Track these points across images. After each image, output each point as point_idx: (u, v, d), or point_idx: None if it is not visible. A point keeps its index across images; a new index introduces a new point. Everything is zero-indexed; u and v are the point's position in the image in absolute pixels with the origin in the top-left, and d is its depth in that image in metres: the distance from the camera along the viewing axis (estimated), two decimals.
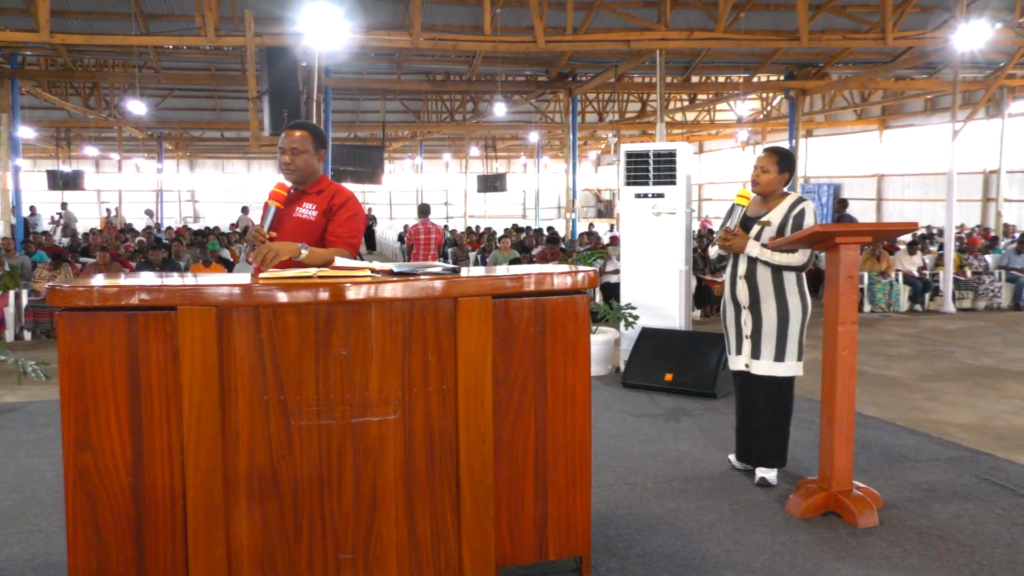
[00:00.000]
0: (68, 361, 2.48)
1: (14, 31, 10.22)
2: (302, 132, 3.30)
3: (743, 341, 3.97)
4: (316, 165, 3.33)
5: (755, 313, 3.91)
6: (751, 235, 3.91)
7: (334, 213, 3.26)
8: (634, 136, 26.92)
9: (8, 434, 5.09)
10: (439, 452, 2.73)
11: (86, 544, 2.51)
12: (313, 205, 3.27)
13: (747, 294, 3.91)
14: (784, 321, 3.86)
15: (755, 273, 3.89)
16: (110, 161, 30.49)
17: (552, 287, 2.82)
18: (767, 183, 3.94)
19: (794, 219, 3.84)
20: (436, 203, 34.50)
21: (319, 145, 3.34)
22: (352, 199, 3.33)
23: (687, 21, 12.03)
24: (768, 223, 3.89)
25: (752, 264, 3.89)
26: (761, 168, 3.95)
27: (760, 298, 3.88)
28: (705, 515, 3.65)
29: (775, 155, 3.96)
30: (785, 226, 3.84)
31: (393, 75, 16.50)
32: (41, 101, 17.04)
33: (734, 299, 4.00)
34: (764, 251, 3.83)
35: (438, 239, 10.55)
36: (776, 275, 3.86)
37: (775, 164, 3.92)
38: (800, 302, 3.88)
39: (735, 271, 3.98)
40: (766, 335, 3.88)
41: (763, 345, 3.89)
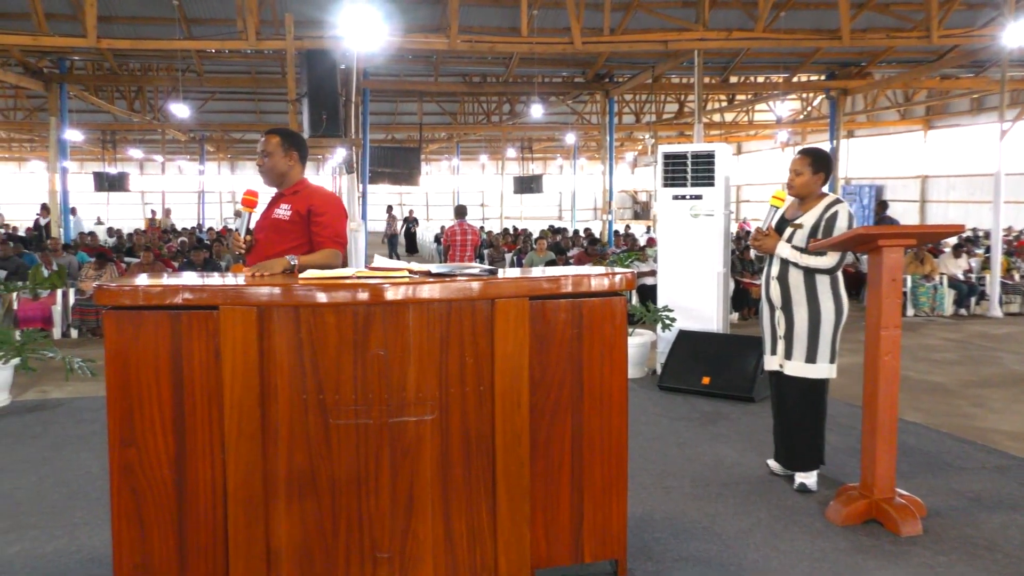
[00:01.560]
0: (114, 359, 2.53)
1: (63, 36, 10.47)
2: (273, 136, 3.45)
3: (777, 341, 3.98)
4: (287, 167, 3.46)
5: (788, 314, 3.90)
6: (783, 237, 3.90)
7: (316, 215, 3.35)
8: (671, 137, 26.73)
9: (55, 429, 5.21)
10: (475, 453, 2.74)
11: (130, 538, 2.56)
12: (288, 206, 3.39)
13: (779, 295, 3.91)
14: (816, 323, 3.83)
15: (787, 274, 3.88)
16: (154, 163, 31.10)
17: (589, 289, 2.82)
18: (802, 185, 3.92)
19: (826, 221, 3.82)
20: (472, 204, 34.62)
21: (290, 147, 3.45)
22: (331, 199, 3.45)
23: (726, 21, 11.91)
24: (800, 225, 3.88)
25: (784, 265, 3.89)
26: (795, 171, 3.94)
27: (792, 299, 3.87)
28: (743, 520, 3.61)
29: (809, 157, 3.94)
30: (817, 228, 3.82)
31: (430, 77, 16.58)
32: (88, 105, 17.44)
33: (768, 299, 4.01)
34: (793, 252, 3.82)
35: (474, 240, 10.58)
36: (808, 277, 3.84)
37: (809, 166, 3.90)
38: (834, 305, 3.85)
39: (769, 271, 3.99)
40: (798, 336, 3.87)
41: (795, 346, 3.88)
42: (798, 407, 3.96)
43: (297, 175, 3.49)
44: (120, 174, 21.58)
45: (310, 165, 30.89)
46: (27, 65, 13.74)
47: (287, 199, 3.42)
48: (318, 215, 3.36)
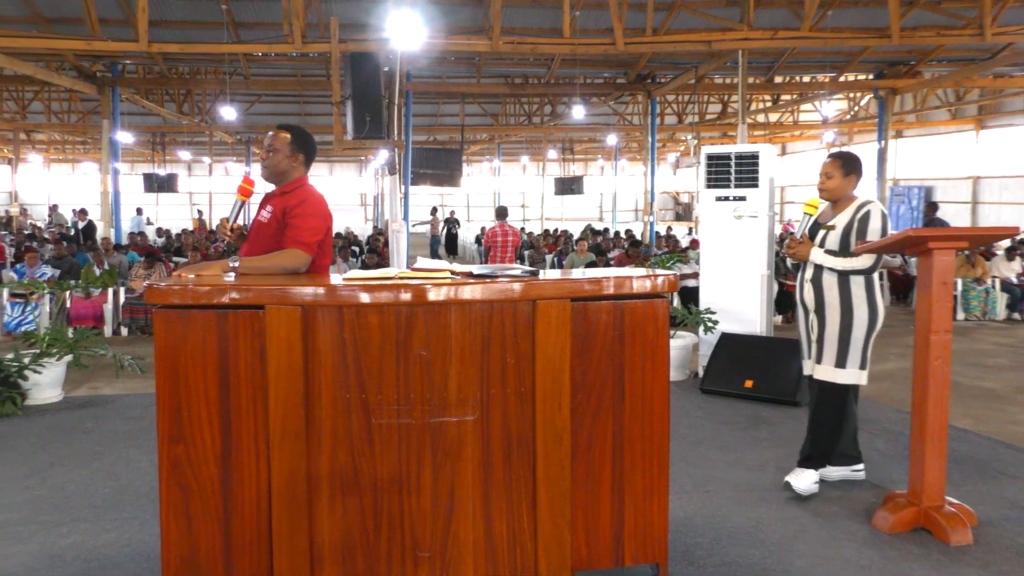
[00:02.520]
0: (163, 356, 2.58)
1: (115, 41, 10.73)
2: (283, 133, 3.37)
3: (811, 345, 3.95)
4: (289, 166, 3.35)
5: (820, 317, 3.86)
6: (816, 241, 3.86)
7: (290, 215, 3.19)
8: (714, 138, 26.48)
9: (106, 425, 5.34)
10: (516, 454, 2.74)
11: (178, 533, 2.62)
12: (271, 208, 3.29)
13: (813, 298, 3.88)
14: (847, 327, 3.78)
15: (821, 277, 3.85)
16: (201, 164, 31.71)
17: (631, 291, 2.80)
18: (833, 189, 3.88)
19: (859, 222, 3.77)
20: (513, 205, 34.68)
21: (297, 148, 3.35)
22: (308, 200, 3.24)
23: (771, 20, 11.76)
24: (833, 227, 3.84)
25: (818, 268, 3.85)
26: (826, 174, 3.89)
27: (825, 303, 3.83)
28: (787, 526, 3.56)
29: (839, 160, 3.89)
30: (850, 230, 3.77)
31: (472, 78, 16.66)
32: (139, 108, 17.86)
33: (803, 303, 3.98)
34: (827, 258, 3.79)
35: (515, 241, 10.60)
36: (842, 281, 3.79)
37: (839, 169, 3.85)
38: (867, 310, 3.79)
39: (803, 274, 3.96)
40: (829, 340, 3.83)
41: (826, 349, 3.84)
42: (822, 408, 3.91)
43: (295, 176, 3.37)
44: (169, 175, 22.04)
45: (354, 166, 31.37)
46: (81, 69, 14.11)
47: (274, 199, 3.31)
48: (290, 216, 3.20)
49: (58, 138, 28.86)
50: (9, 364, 5.71)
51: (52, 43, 11.00)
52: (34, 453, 4.72)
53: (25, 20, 11.89)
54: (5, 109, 20.80)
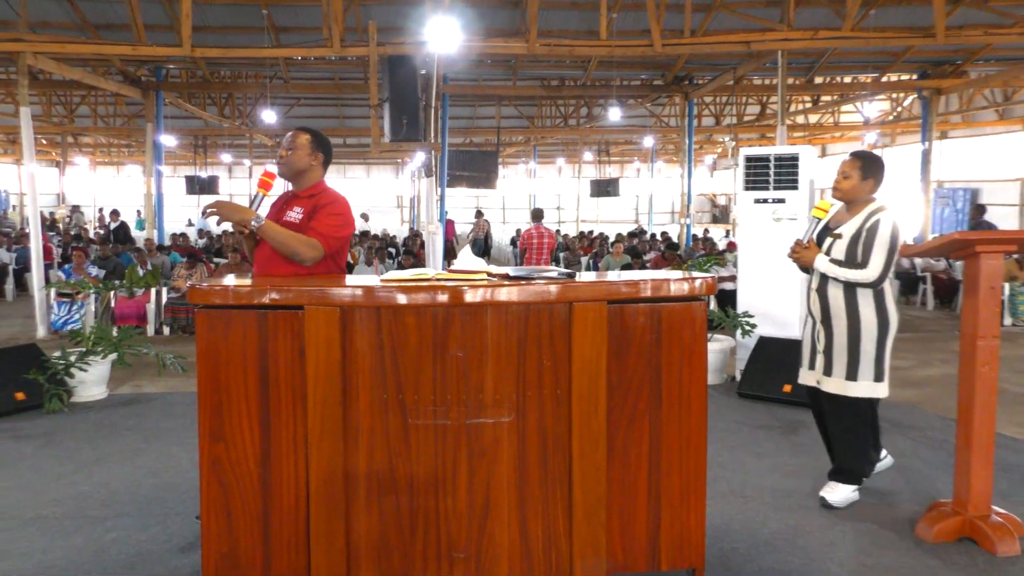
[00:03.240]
0: (205, 355, 2.63)
1: (160, 46, 10.94)
2: (304, 134, 3.37)
3: (816, 355, 3.80)
4: (309, 166, 3.34)
5: (827, 327, 3.73)
6: (824, 248, 3.72)
7: (317, 211, 3.25)
8: (752, 140, 26.18)
9: (148, 422, 5.44)
10: (552, 456, 2.74)
11: (218, 529, 2.66)
12: (301, 209, 3.29)
13: (819, 307, 3.75)
14: (855, 338, 3.63)
15: (826, 286, 3.71)
16: (242, 166, 32.19)
17: (669, 293, 2.78)
18: (848, 189, 3.70)
19: (867, 232, 3.60)
20: (548, 208, 34.63)
21: (316, 149, 3.35)
22: (337, 201, 3.31)
23: (812, 20, 11.59)
24: (839, 235, 3.68)
25: (824, 277, 3.71)
26: (843, 174, 3.72)
27: (831, 312, 3.69)
28: (827, 533, 3.50)
29: (859, 160, 3.71)
30: (857, 239, 3.61)
31: (508, 81, 16.67)
32: (181, 111, 18.16)
33: (809, 311, 3.85)
34: (831, 267, 3.64)
35: (551, 244, 10.59)
36: (848, 289, 3.65)
37: (858, 169, 3.68)
38: (877, 317, 3.63)
39: (810, 283, 3.84)
40: (837, 351, 3.68)
41: (835, 361, 3.70)
42: (837, 425, 3.79)
43: (316, 177, 3.39)
44: (210, 177, 22.38)
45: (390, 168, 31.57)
46: (126, 74, 14.41)
47: (301, 202, 3.32)
48: (320, 211, 3.25)
49: (104, 141, 29.48)
50: (56, 362, 5.85)
51: (99, 49, 11.24)
52: (79, 449, 4.83)
53: (73, 27, 12.18)
54: (54, 113, 21.32)
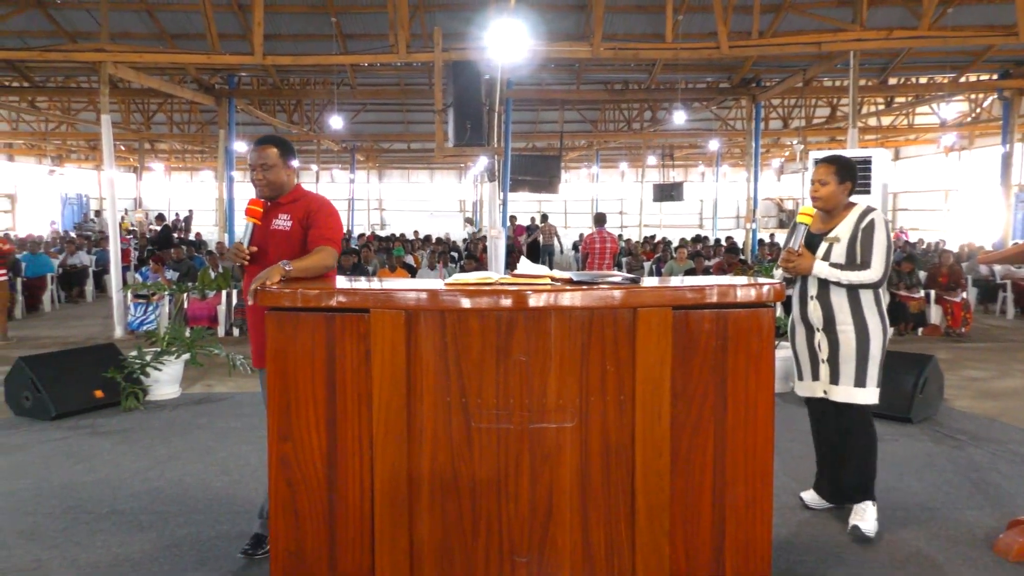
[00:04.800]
0: (274, 357, 2.69)
1: (233, 55, 11.27)
2: (270, 147, 3.29)
3: (819, 365, 3.66)
4: (286, 177, 3.31)
5: (830, 335, 3.59)
6: (818, 254, 3.58)
7: (312, 216, 3.23)
8: (822, 143, 25.56)
9: (218, 421, 5.60)
10: (615, 462, 2.72)
11: (286, 527, 2.72)
12: (288, 216, 3.26)
13: (820, 315, 3.60)
14: (864, 343, 3.53)
15: (828, 293, 3.58)
16: (309, 171, 32.89)
17: (735, 299, 2.74)
18: (828, 196, 3.60)
19: (863, 232, 3.51)
20: (611, 212, 34.43)
21: (287, 157, 3.31)
22: (327, 202, 3.32)
23: (886, 19, 11.28)
24: (837, 239, 3.56)
25: (824, 284, 3.58)
26: (819, 181, 3.62)
27: (836, 319, 3.56)
28: (899, 549, 3.39)
29: (833, 165, 3.62)
30: (855, 240, 3.52)
31: (572, 85, 16.66)
32: (252, 118, 18.67)
33: (805, 320, 3.68)
34: (832, 271, 3.51)
35: (613, 248, 10.53)
36: (852, 293, 3.54)
37: (834, 175, 3.59)
38: (880, 322, 3.56)
39: (805, 291, 3.67)
40: (844, 359, 3.56)
41: (842, 370, 3.58)
42: (853, 436, 3.64)
43: (292, 183, 3.36)
44: None
45: (453, 173, 31.78)
46: (201, 82, 14.89)
47: (285, 208, 3.29)
48: (315, 216, 3.24)
49: (178, 147, 30.51)
50: (133, 361, 6.07)
51: (176, 58, 11.65)
52: (154, 446, 4.99)
53: (152, 36, 12.65)
54: (132, 121, 22.15)
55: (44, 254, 12.72)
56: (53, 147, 29.29)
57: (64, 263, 13.61)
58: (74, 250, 14.24)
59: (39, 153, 30.27)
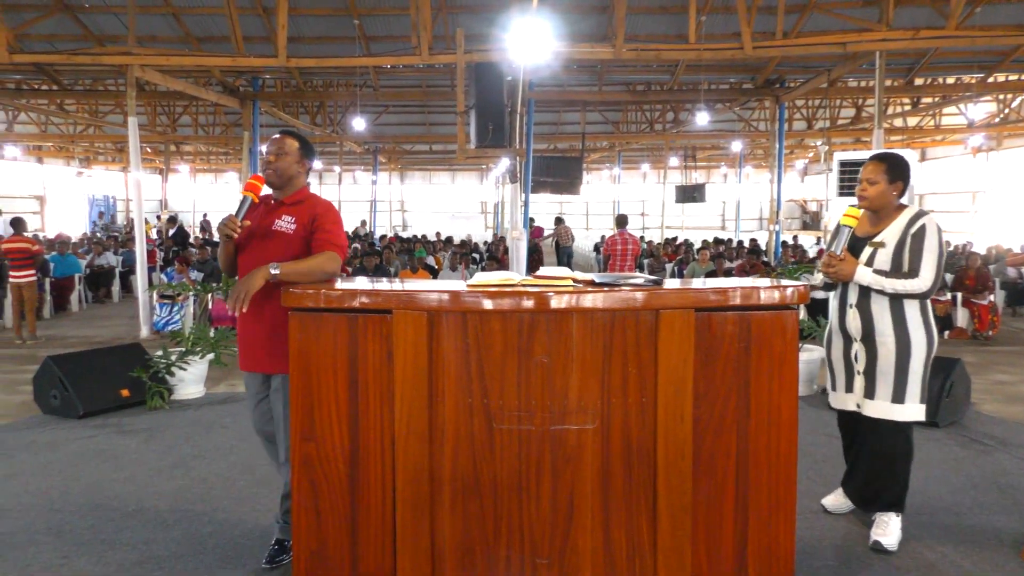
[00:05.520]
0: (298, 357, 2.71)
1: (257, 57, 11.37)
2: (291, 138, 3.25)
3: (854, 377, 3.48)
4: (297, 173, 3.25)
5: (869, 346, 3.38)
6: (862, 259, 3.37)
7: (317, 220, 3.15)
8: (846, 144, 25.32)
9: (242, 421, 5.64)
10: (637, 464, 2.71)
11: (308, 526, 2.74)
12: (292, 217, 3.17)
13: (859, 325, 3.39)
14: (905, 356, 3.32)
15: (869, 301, 3.37)
16: (332, 173, 33.09)
17: (759, 302, 2.72)
18: (876, 196, 3.39)
19: (913, 238, 3.30)
20: (632, 213, 34.35)
21: (304, 155, 3.27)
22: (332, 207, 3.26)
23: (912, 19, 11.16)
24: (882, 244, 3.35)
25: (865, 291, 3.37)
26: (867, 180, 3.41)
27: (875, 329, 3.35)
28: (925, 553, 3.35)
29: (884, 163, 3.40)
30: (903, 247, 3.31)
31: (594, 86, 16.62)
32: (276, 120, 18.80)
33: (843, 330, 3.48)
34: (877, 279, 3.30)
35: (635, 250, 10.50)
36: (895, 303, 3.32)
37: (884, 173, 3.37)
38: (925, 334, 3.34)
39: (844, 299, 3.46)
40: (883, 371, 3.35)
41: (879, 383, 3.37)
42: (884, 453, 3.45)
43: (301, 184, 3.29)
44: None
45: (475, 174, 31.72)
46: (225, 84, 15.02)
47: (289, 209, 3.20)
48: (320, 221, 3.15)
49: (203, 149, 30.79)
50: (158, 361, 6.14)
51: (201, 60, 11.75)
52: (178, 445, 5.05)
53: (177, 40, 12.79)
54: (158, 123, 22.40)
55: (72, 255, 12.90)
56: (81, 149, 29.68)
57: (91, 264, 13.80)
58: (101, 251, 14.43)
59: (67, 155, 30.69)
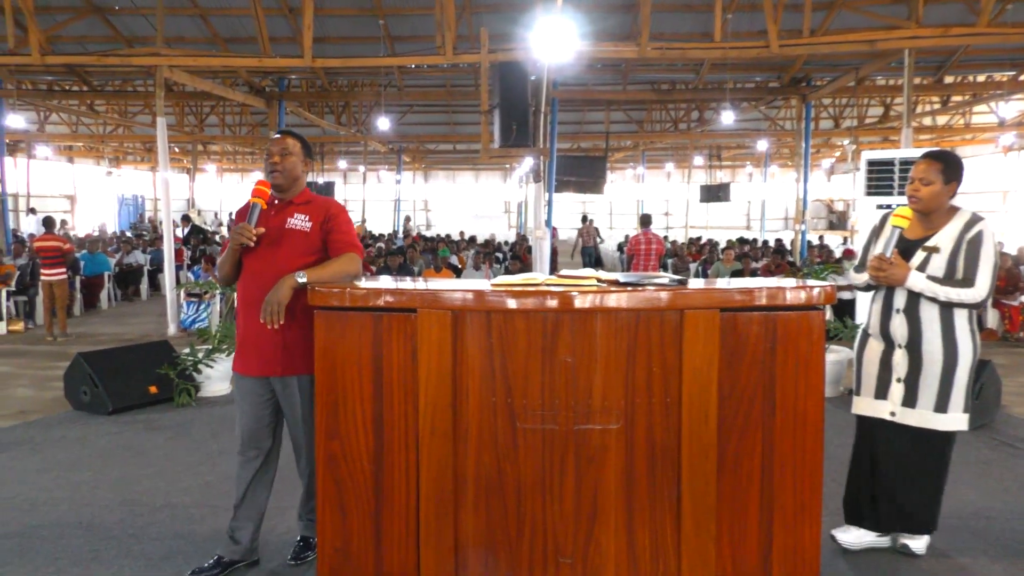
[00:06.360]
0: (323, 355, 2.73)
1: (283, 58, 11.47)
2: (294, 139, 3.22)
3: (890, 385, 3.28)
4: (302, 173, 3.22)
5: (914, 353, 3.21)
6: (913, 263, 3.20)
7: (333, 222, 3.12)
8: (874, 143, 25.02)
9: None
10: (660, 465, 2.70)
11: (332, 523, 2.76)
12: (306, 216, 3.13)
13: (906, 331, 3.22)
14: (952, 364, 3.16)
15: (917, 306, 3.19)
16: (356, 173, 33.29)
17: (784, 302, 2.70)
18: (931, 197, 3.19)
19: (969, 244, 3.13)
20: (656, 213, 34.20)
21: (306, 155, 3.24)
22: (344, 208, 3.24)
23: (942, 16, 11.01)
24: (936, 249, 3.18)
25: (914, 296, 3.19)
26: (921, 179, 3.20)
27: (923, 336, 3.18)
28: (956, 558, 3.31)
29: (939, 162, 3.20)
30: (958, 253, 3.14)
31: (618, 85, 16.57)
32: (301, 119, 18.94)
33: (885, 334, 3.29)
34: (931, 285, 3.11)
35: (659, 249, 10.46)
36: (945, 310, 3.16)
37: (940, 173, 3.18)
38: (971, 341, 3.19)
39: (890, 303, 3.27)
40: (927, 380, 3.19)
41: (921, 391, 3.20)
42: (920, 466, 3.27)
43: (304, 184, 3.25)
44: (327, 183, 23.19)
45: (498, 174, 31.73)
46: (252, 84, 15.17)
47: (301, 209, 3.15)
48: (335, 222, 3.12)
49: (230, 149, 31.10)
50: (185, 358, 6.21)
51: (228, 61, 11.89)
52: (205, 442, 5.10)
53: (205, 41, 12.94)
54: (186, 123, 22.65)
55: (102, 253, 13.09)
56: (110, 149, 30.08)
57: (120, 262, 13.99)
58: (130, 250, 14.63)
59: (97, 155, 31.14)
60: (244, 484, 3.22)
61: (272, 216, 3.13)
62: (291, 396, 3.10)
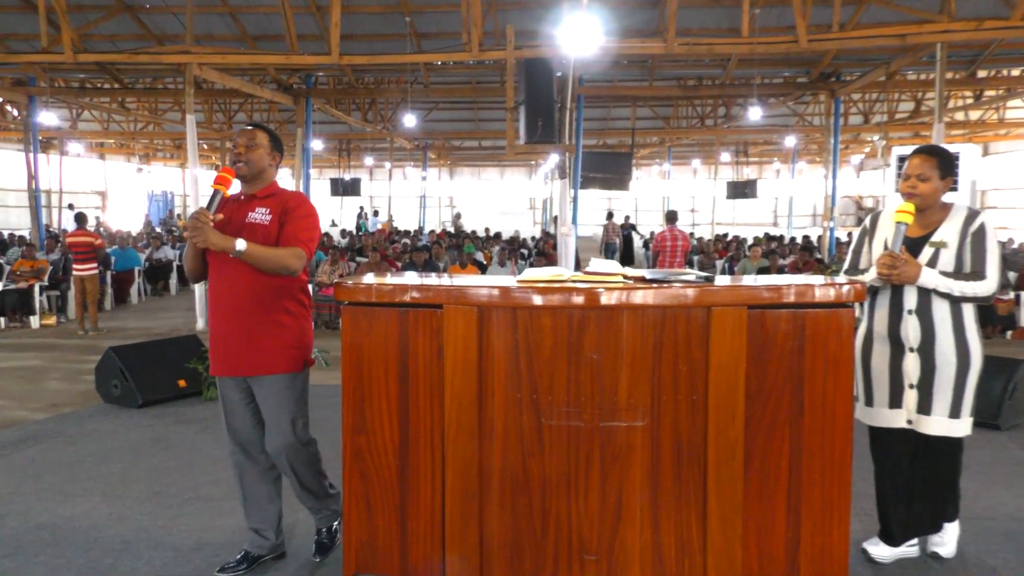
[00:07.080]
0: (349, 351, 2.75)
1: (311, 55, 11.54)
2: (262, 132, 3.17)
3: (903, 391, 3.14)
4: (268, 165, 3.15)
5: (926, 356, 3.08)
6: (922, 260, 3.08)
7: (289, 215, 3.07)
8: (904, 139, 24.68)
9: None
10: (686, 463, 2.69)
11: (358, 518, 2.78)
12: (267, 209, 3.09)
13: (919, 333, 3.08)
14: (965, 366, 3.06)
15: (930, 307, 3.06)
16: (382, 169, 33.44)
17: (813, 299, 2.67)
18: (930, 193, 3.10)
19: (973, 237, 3.06)
20: (682, 210, 34.01)
21: (274, 148, 3.18)
22: (307, 204, 3.16)
23: (975, 9, 10.81)
24: (944, 244, 3.08)
25: (926, 296, 3.06)
26: (919, 176, 3.09)
27: (936, 338, 3.06)
28: (985, 559, 3.26)
29: (935, 157, 3.12)
30: (963, 247, 3.06)
31: (644, 81, 16.47)
32: (328, 116, 19.06)
33: (894, 337, 3.14)
34: (944, 280, 3.01)
35: (685, 246, 10.41)
36: (955, 308, 3.06)
37: (936, 169, 3.09)
38: (979, 344, 3.11)
39: (899, 303, 3.12)
40: (941, 384, 3.07)
41: (936, 397, 3.08)
42: (940, 473, 3.19)
43: (271, 177, 3.19)
44: (353, 180, 23.36)
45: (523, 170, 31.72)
46: (280, 82, 15.27)
47: (263, 202, 3.11)
48: (292, 215, 3.07)
49: None
50: None
51: (257, 59, 11.98)
52: None
53: (234, 38, 13.06)
54: (214, 120, 22.89)
55: (132, 248, 13.27)
56: (141, 146, 30.50)
57: (150, 257, 14.18)
58: (159, 245, 14.82)
59: (128, 152, 31.58)
60: (239, 483, 3.25)
61: (236, 210, 3.12)
62: (261, 395, 3.08)
